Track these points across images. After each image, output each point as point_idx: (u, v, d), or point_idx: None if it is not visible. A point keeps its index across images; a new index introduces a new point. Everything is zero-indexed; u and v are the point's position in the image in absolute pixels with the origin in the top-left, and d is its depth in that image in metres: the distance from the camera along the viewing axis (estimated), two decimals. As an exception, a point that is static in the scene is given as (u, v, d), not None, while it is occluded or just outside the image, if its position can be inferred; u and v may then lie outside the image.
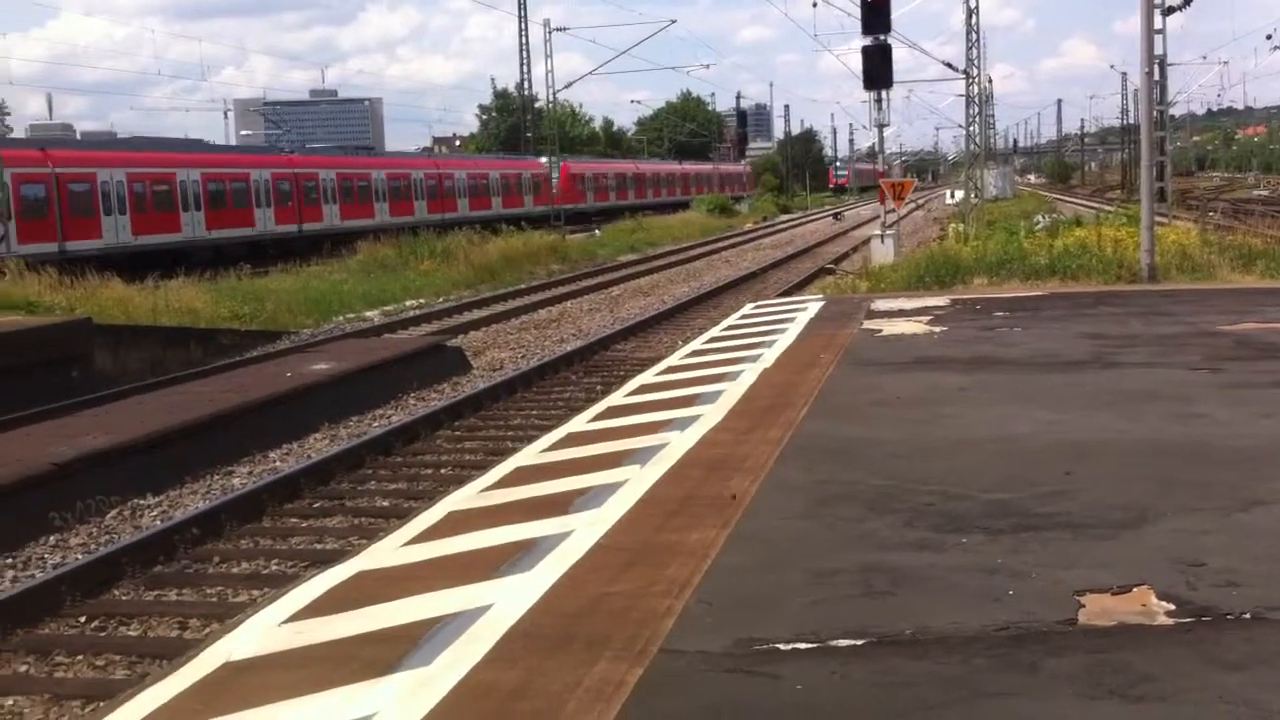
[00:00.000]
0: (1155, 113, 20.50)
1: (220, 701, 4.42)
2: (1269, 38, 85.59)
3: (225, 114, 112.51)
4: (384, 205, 48.91)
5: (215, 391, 14.45)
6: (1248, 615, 4.50)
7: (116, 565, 8.71)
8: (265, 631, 5.16)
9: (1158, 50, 19.99)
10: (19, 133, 46.41)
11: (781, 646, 4.43)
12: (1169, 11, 19.98)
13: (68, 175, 33.92)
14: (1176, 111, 78.04)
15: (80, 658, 7.25)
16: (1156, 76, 20.61)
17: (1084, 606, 4.66)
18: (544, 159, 60.63)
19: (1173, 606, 4.62)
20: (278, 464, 12.32)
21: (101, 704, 5.76)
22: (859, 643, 4.44)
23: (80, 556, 9.26)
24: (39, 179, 32.93)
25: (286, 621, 5.25)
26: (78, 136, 38.59)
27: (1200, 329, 12.49)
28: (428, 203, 52.11)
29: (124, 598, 8.39)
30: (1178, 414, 8.25)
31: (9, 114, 49.38)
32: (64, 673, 7.11)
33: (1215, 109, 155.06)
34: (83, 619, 7.93)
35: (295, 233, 43.60)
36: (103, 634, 7.73)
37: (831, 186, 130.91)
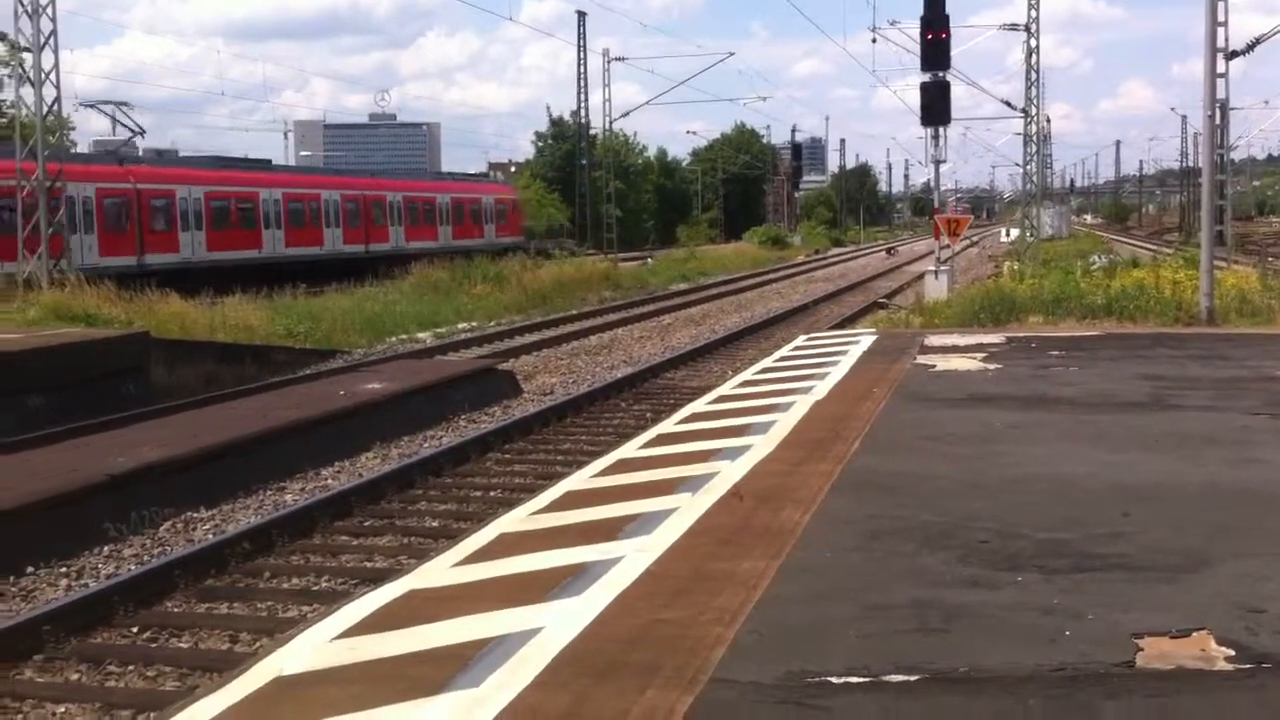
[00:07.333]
0: (1216, 156, 20.33)
1: (270, 716, 4.44)
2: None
3: (285, 135, 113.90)
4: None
5: (269, 408, 14.58)
6: (1310, 664, 4.42)
7: (169, 577, 8.79)
8: (316, 647, 5.18)
9: (1220, 94, 19.85)
10: (82, 148, 46.81)
11: (833, 680, 4.40)
12: (1232, 56, 19.85)
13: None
14: (1237, 155, 77.12)
15: (131, 668, 7.31)
16: (1218, 120, 20.48)
17: (1142, 650, 4.60)
18: None
19: (1233, 652, 4.55)
20: (329, 481, 12.40)
21: (152, 715, 5.82)
22: (912, 678, 4.39)
23: (134, 567, 9.36)
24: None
25: (338, 638, 5.28)
26: (140, 153, 38.61)
27: (1260, 373, 12.33)
28: None
29: (176, 610, 8.46)
30: (1237, 458, 8.13)
31: (74, 129, 49.89)
32: (115, 682, 7.17)
33: (1276, 154, 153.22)
34: (135, 629, 8.00)
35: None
36: (154, 645, 7.79)
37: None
